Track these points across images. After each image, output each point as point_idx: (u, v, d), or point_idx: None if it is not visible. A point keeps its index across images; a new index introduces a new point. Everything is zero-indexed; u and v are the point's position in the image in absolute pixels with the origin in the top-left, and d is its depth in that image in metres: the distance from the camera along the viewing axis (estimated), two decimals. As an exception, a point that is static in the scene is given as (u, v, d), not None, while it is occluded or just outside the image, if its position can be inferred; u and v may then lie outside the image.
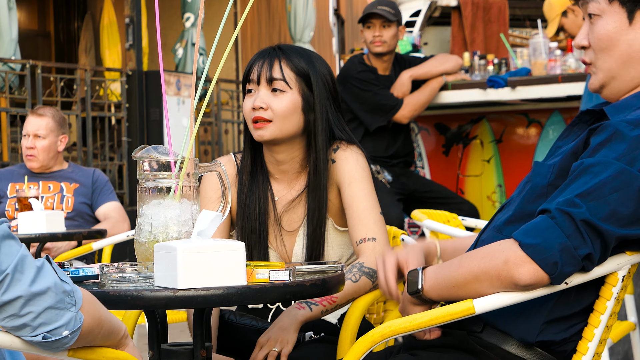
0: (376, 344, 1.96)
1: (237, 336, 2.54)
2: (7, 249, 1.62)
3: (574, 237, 1.87)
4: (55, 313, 1.65)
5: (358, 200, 2.57)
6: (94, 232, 4.46)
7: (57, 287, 1.65)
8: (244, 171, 2.67)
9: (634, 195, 1.88)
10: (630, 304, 3.04)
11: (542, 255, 1.87)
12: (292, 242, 2.65)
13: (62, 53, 13.93)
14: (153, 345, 2.02)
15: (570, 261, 1.87)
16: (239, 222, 2.65)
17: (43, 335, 1.65)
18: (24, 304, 1.62)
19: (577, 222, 1.87)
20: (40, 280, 1.64)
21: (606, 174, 1.89)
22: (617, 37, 2.06)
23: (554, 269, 1.87)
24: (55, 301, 1.65)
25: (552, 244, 1.87)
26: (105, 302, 1.82)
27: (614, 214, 1.88)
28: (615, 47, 2.06)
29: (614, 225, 1.88)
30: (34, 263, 1.65)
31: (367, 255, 2.52)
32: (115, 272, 1.95)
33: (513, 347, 2.02)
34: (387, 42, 5.53)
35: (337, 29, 7.09)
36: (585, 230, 1.87)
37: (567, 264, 1.87)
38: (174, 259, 1.80)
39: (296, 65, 2.58)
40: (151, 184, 2.03)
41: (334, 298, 2.46)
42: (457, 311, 1.93)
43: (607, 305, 1.98)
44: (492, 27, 6.64)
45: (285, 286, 1.88)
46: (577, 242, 1.87)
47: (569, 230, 1.87)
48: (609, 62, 2.07)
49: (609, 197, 1.88)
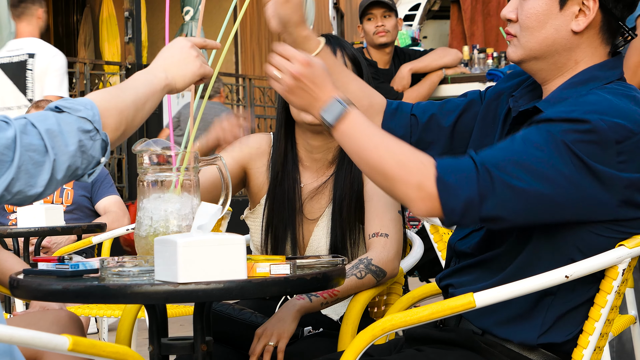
0: (377, 338, 1.96)
1: (236, 330, 2.54)
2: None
3: (486, 196, 1.88)
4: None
5: (379, 195, 2.58)
6: (93, 226, 4.46)
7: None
8: (276, 155, 2.68)
9: (559, 175, 1.88)
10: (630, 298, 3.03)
11: (449, 197, 1.89)
12: (311, 230, 2.66)
13: (61, 46, 13.86)
14: (153, 339, 2.02)
15: (469, 215, 1.89)
16: (268, 202, 2.67)
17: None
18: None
19: (495, 183, 1.87)
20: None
21: (537, 146, 1.89)
22: (545, 19, 2.04)
23: (451, 215, 1.89)
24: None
25: (462, 192, 1.88)
26: (106, 296, 1.82)
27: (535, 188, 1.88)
28: (541, 29, 2.04)
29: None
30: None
31: (376, 251, 2.52)
32: (115, 266, 1.95)
33: (516, 346, 2.01)
34: (390, 31, 5.53)
35: (337, 22, 7.09)
36: (501, 193, 1.87)
37: (465, 216, 1.89)
38: (174, 253, 1.80)
39: (351, 52, 2.66)
40: (151, 177, 2.03)
41: (336, 291, 2.46)
42: (457, 305, 1.93)
43: (607, 299, 1.98)
44: (491, 20, 6.65)
45: (285, 280, 1.87)
46: (486, 202, 1.88)
47: (484, 188, 1.88)
48: (532, 42, 2.06)
49: (535, 169, 1.88)
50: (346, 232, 2.63)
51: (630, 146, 1.89)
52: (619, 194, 1.90)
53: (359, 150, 1.97)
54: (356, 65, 2.66)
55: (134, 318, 2.65)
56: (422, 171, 1.91)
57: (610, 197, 1.90)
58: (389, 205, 2.58)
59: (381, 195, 2.58)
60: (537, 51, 2.06)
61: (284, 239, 2.64)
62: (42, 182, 1.74)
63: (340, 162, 2.66)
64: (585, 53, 2.05)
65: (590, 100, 1.94)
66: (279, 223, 2.65)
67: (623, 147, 1.88)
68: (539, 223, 1.95)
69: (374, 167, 1.95)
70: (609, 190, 1.89)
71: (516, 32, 2.08)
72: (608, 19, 2.04)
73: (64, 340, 1.76)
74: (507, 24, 2.11)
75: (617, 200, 1.91)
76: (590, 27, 2.03)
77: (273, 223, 2.65)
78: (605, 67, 2.05)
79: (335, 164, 2.67)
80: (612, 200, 1.90)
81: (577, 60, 2.05)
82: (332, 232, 2.62)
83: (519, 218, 1.91)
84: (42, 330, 1.77)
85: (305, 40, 2.18)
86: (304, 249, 2.66)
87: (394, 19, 5.55)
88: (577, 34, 2.03)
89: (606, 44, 2.06)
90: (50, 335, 1.76)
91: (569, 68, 2.06)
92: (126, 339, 2.57)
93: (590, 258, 1.95)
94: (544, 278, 1.92)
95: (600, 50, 2.06)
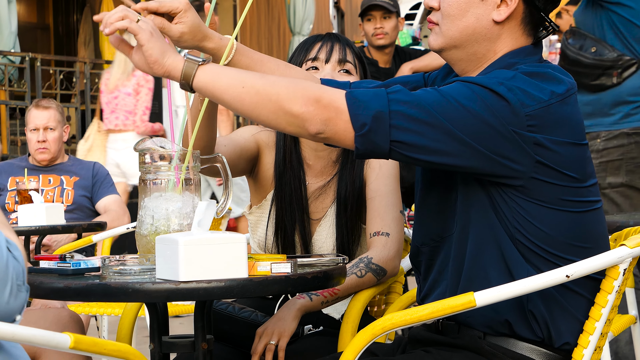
0: (377, 337, 1.96)
1: (236, 329, 2.54)
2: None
3: (396, 113, 1.87)
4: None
5: (381, 195, 2.58)
6: (93, 224, 4.46)
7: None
8: (281, 154, 2.69)
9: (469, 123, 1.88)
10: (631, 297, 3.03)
11: (358, 109, 1.88)
12: (314, 230, 2.66)
13: (62, 46, 13.91)
14: (154, 337, 2.02)
15: (380, 132, 1.88)
16: (275, 201, 2.67)
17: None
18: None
19: (407, 105, 1.87)
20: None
21: (447, 92, 1.90)
22: (467, 8, 2.05)
23: (361, 131, 1.88)
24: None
25: (372, 105, 1.88)
26: (107, 294, 1.82)
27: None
28: (462, 17, 2.05)
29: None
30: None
31: (377, 250, 2.52)
32: (117, 265, 1.95)
33: (518, 347, 2.01)
34: (389, 33, 5.53)
35: (337, 21, 7.09)
36: (411, 114, 1.87)
37: (377, 133, 1.88)
38: (175, 252, 1.80)
39: (356, 51, 2.70)
40: (152, 176, 2.03)
41: (336, 290, 2.46)
42: (458, 304, 1.92)
43: (608, 299, 1.98)
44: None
45: (286, 279, 1.88)
46: (396, 117, 1.87)
47: (395, 105, 1.88)
48: (453, 31, 2.06)
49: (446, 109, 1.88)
50: (351, 232, 2.63)
51: (540, 113, 1.91)
52: (529, 152, 1.91)
53: (241, 79, 1.92)
54: (362, 64, 2.70)
55: (135, 316, 2.65)
56: (323, 89, 1.90)
57: (517, 154, 1.91)
58: (391, 204, 2.59)
59: (383, 195, 2.59)
60: (458, 40, 2.06)
61: (291, 238, 2.65)
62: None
63: (344, 161, 2.66)
64: (506, 44, 2.06)
65: (503, 74, 1.95)
66: (288, 221, 2.65)
67: (533, 113, 1.90)
68: (444, 165, 1.92)
69: (264, 92, 1.90)
70: (515, 145, 1.90)
71: (438, 20, 2.09)
72: (530, 10, 2.05)
73: (65, 338, 1.77)
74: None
75: (529, 159, 1.92)
76: (511, 17, 2.04)
77: (282, 221, 2.65)
78: (522, 53, 2.06)
79: (340, 163, 2.67)
80: (521, 157, 1.91)
81: (497, 51, 2.06)
82: (338, 231, 2.63)
83: (426, 150, 1.89)
84: (43, 329, 1.77)
85: (217, 51, 2.14)
86: (306, 249, 2.67)
87: (394, 20, 5.55)
88: (499, 24, 2.04)
89: (527, 35, 2.08)
90: (52, 333, 1.77)
91: (488, 59, 2.07)
92: (127, 337, 2.57)
93: (591, 258, 1.95)
94: (545, 278, 1.92)
95: (521, 42, 2.07)
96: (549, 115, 1.93)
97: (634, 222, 2.82)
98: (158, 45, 1.95)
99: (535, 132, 1.91)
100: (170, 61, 1.95)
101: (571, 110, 1.97)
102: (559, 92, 1.95)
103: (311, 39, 2.73)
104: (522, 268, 1.97)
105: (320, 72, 2.64)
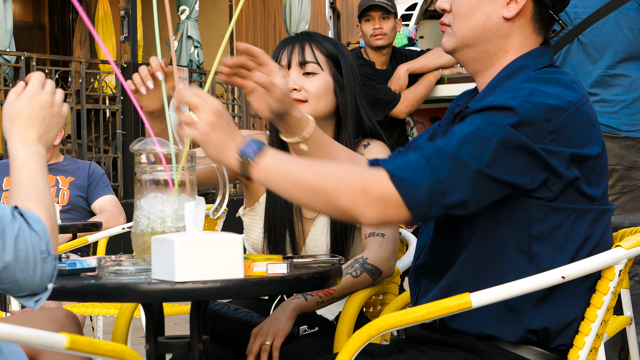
0: (373, 337, 1.96)
1: (231, 329, 2.54)
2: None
3: (442, 181, 1.87)
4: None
5: None
6: (89, 224, 4.46)
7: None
8: None
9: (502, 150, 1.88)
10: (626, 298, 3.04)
11: (411, 190, 1.87)
12: (308, 230, 2.66)
13: (57, 45, 13.90)
14: (150, 338, 2.02)
15: (435, 204, 1.87)
16: (267, 201, 2.67)
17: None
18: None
19: (448, 162, 1.87)
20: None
21: (471, 131, 1.90)
22: (478, 5, 2.08)
23: (417, 208, 1.87)
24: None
25: (422, 182, 1.87)
26: (103, 294, 1.82)
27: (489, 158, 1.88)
28: (473, 16, 2.08)
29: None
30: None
31: (372, 250, 2.53)
32: (113, 265, 1.95)
33: (513, 347, 2.01)
34: (388, 34, 5.52)
35: (333, 22, 7.08)
36: (454, 173, 1.87)
37: (432, 207, 1.87)
38: (171, 252, 1.80)
39: (326, 47, 2.66)
40: (148, 176, 2.03)
41: (331, 290, 2.47)
42: (454, 305, 1.92)
43: (603, 300, 1.98)
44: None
45: (282, 279, 1.88)
46: (445, 185, 1.87)
47: (439, 173, 1.87)
48: (464, 30, 2.09)
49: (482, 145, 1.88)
50: (344, 231, 2.63)
51: (560, 124, 1.92)
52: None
53: (290, 176, 1.93)
54: (333, 60, 2.66)
55: (130, 317, 2.65)
56: (364, 176, 1.90)
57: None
58: None
59: None
60: (469, 38, 2.09)
61: (282, 238, 2.65)
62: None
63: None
64: (516, 42, 2.08)
65: (513, 88, 1.97)
66: (278, 223, 2.65)
67: (552, 125, 1.91)
68: (489, 202, 1.94)
69: (311, 187, 1.91)
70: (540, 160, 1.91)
71: (450, 22, 2.12)
72: (540, 8, 2.08)
73: (61, 338, 1.77)
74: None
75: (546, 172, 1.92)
76: (521, 14, 2.07)
77: (273, 223, 2.65)
78: (532, 55, 2.08)
79: None
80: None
81: (507, 49, 2.08)
82: (332, 231, 2.62)
83: (479, 201, 1.90)
84: (39, 329, 1.77)
85: (298, 122, 2.16)
86: (301, 249, 2.67)
87: (393, 21, 5.55)
88: (509, 20, 2.07)
89: (538, 33, 2.10)
90: (49, 333, 1.77)
91: (499, 57, 2.09)
92: (122, 338, 2.57)
93: (587, 259, 1.95)
94: (541, 279, 1.92)
95: (532, 40, 2.09)
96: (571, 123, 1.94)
97: (630, 223, 2.83)
98: (215, 142, 1.94)
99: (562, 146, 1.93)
100: (228, 159, 1.94)
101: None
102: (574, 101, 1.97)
103: (279, 44, 2.71)
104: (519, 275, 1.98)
105: (287, 79, 2.60)
